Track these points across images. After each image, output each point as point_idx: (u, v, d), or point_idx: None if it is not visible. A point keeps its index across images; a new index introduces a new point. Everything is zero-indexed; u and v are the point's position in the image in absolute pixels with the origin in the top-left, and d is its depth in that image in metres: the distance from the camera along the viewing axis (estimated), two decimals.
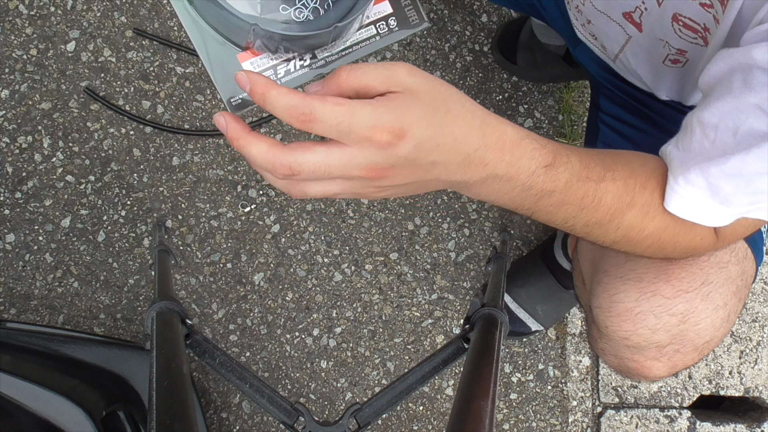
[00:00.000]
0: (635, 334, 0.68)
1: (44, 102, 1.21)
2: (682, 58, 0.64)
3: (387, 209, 1.23)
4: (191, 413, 0.50)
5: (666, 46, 0.63)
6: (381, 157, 0.42)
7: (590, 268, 0.78)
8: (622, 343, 0.70)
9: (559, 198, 0.50)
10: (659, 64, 0.68)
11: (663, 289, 0.66)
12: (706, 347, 0.69)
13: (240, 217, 1.22)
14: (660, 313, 0.67)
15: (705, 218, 0.54)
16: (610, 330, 0.70)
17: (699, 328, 0.67)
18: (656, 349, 0.69)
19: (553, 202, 0.50)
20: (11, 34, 1.21)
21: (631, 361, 0.72)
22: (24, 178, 1.20)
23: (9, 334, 0.93)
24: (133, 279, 1.21)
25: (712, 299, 0.66)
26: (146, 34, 1.21)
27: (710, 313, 0.66)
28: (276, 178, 0.45)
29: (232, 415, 1.20)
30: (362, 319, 1.22)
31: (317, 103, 0.42)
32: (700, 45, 0.60)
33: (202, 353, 0.67)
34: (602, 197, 0.51)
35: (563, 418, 1.22)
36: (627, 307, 0.68)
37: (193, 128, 1.22)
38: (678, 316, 0.66)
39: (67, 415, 0.83)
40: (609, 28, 0.69)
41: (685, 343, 0.68)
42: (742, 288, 0.69)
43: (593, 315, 0.73)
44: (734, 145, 0.49)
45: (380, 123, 0.41)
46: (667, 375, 0.72)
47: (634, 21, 0.65)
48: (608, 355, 0.75)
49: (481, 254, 1.24)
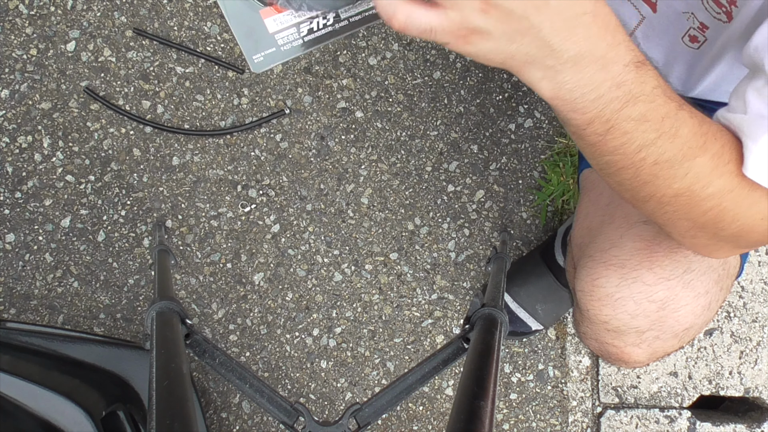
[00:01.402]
0: (615, 318, 0.69)
1: (44, 102, 1.21)
2: (701, 36, 0.63)
3: (387, 209, 1.23)
4: (191, 413, 0.50)
5: (690, 18, 0.62)
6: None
7: (577, 253, 0.79)
8: (603, 327, 0.71)
9: (642, 110, 0.46)
10: (677, 41, 0.66)
11: (645, 275, 0.67)
12: (686, 334, 0.69)
13: (240, 217, 1.22)
14: (640, 299, 0.67)
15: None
16: (591, 314, 0.71)
17: (679, 315, 0.67)
18: (636, 334, 0.69)
19: (634, 115, 0.46)
20: (11, 34, 1.21)
21: (611, 346, 0.72)
22: (24, 178, 1.20)
23: (9, 334, 0.93)
24: (133, 279, 1.20)
25: (693, 287, 0.66)
26: (146, 33, 1.21)
27: (691, 300, 0.67)
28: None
29: (232, 415, 1.20)
30: (362, 319, 1.22)
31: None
32: (723, 21, 0.59)
33: (202, 353, 0.67)
34: (680, 127, 0.47)
35: (563, 418, 1.22)
36: (608, 292, 0.69)
37: (193, 128, 1.22)
38: (658, 302, 0.66)
39: (67, 415, 0.83)
40: (622, 9, 0.69)
41: (664, 330, 0.68)
42: (724, 277, 0.69)
43: (576, 299, 0.74)
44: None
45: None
46: (648, 361, 0.72)
47: (649, 1, 0.64)
48: (590, 339, 0.75)
49: (481, 254, 1.24)
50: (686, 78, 0.73)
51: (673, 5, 0.62)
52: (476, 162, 1.23)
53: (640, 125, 0.46)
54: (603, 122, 0.46)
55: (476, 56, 0.44)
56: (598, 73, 0.44)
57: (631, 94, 0.45)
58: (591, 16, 0.43)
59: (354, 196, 1.23)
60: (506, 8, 0.41)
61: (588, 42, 0.43)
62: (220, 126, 1.22)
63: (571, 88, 0.45)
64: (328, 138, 1.23)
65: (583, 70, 0.44)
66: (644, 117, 0.46)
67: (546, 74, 0.44)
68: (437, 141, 1.23)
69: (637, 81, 0.45)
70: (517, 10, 0.41)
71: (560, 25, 0.42)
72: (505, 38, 0.43)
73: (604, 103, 0.45)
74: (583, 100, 0.45)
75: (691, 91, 0.74)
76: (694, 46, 0.66)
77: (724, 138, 0.50)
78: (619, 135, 0.47)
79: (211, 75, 1.22)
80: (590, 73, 0.44)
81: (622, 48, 0.44)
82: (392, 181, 1.23)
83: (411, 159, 1.23)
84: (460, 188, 1.23)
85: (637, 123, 0.46)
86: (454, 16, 0.42)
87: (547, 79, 0.45)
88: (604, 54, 0.43)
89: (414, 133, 1.24)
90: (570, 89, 0.45)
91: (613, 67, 0.44)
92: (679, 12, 0.62)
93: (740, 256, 0.73)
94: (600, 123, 0.46)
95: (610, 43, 0.44)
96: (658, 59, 0.72)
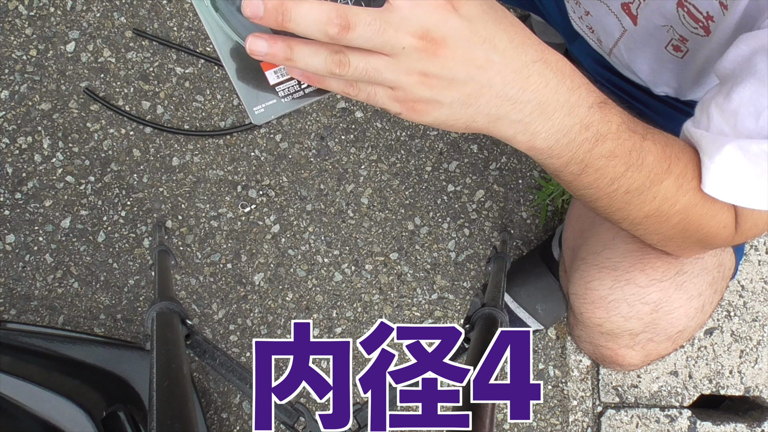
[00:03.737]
0: (608, 321, 0.69)
1: (44, 103, 1.21)
2: (683, 46, 0.64)
3: (387, 209, 1.23)
4: (191, 413, 0.50)
5: (670, 31, 0.63)
6: (433, 21, 0.39)
7: (570, 256, 0.79)
8: (596, 330, 0.71)
9: (610, 147, 0.47)
10: (661, 50, 0.67)
11: (637, 278, 0.67)
12: (679, 337, 0.69)
13: (240, 217, 1.22)
14: (633, 301, 0.67)
15: (741, 195, 0.51)
16: (585, 317, 0.71)
17: (672, 317, 0.67)
18: (629, 337, 0.69)
19: (604, 153, 0.47)
20: (11, 35, 1.21)
21: (605, 349, 0.72)
22: (24, 179, 1.20)
23: (9, 334, 0.93)
24: (134, 279, 1.21)
25: (687, 289, 0.67)
26: (146, 34, 1.21)
27: (684, 302, 0.67)
28: (317, 52, 0.41)
29: (232, 416, 1.20)
30: (362, 319, 1.22)
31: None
32: (701, 36, 0.60)
33: (202, 353, 0.67)
34: (645, 156, 0.49)
35: (564, 418, 1.22)
36: (601, 294, 0.69)
37: (193, 128, 1.22)
38: (651, 304, 0.67)
39: (67, 415, 0.83)
40: (606, 20, 0.69)
41: (658, 332, 0.68)
42: (718, 279, 0.69)
43: (570, 302, 0.74)
44: (757, 130, 0.48)
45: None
46: (642, 364, 0.72)
47: (631, 13, 0.65)
48: (584, 342, 0.75)
49: (481, 254, 1.24)
50: (677, 85, 0.73)
51: (652, 20, 0.63)
52: (476, 162, 1.23)
53: (610, 161, 0.48)
54: (578, 163, 0.47)
55: (435, 125, 0.44)
56: (566, 119, 0.45)
57: (599, 134, 0.46)
58: (542, 63, 0.43)
59: (354, 196, 1.23)
60: (447, 77, 0.41)
61: (547, 89, 0.43)
62: (220, 126, 1.22)
63: (545, 137, 0.45)
64: (328, 138, 1.23)
65: (552, 117, 0.44)
66: (613, 153, 0.48)
67: (517, 129, 0.45)
68: (437, 141, 1.23)
69: (603, 120, 0.46)
70: (459, 76, 0.41)
71: (512, 77, 0.42)
72: (459, 104, 0.43)
73: (576, 145, 0.46)
74: (558, 146, 0.46)
75: (685, 95, 0.75)
76: (678, 55, 0.66)
77: (687, 156, 0.52)
78: (592, 172, 0.48)
79: (211, 75, 1.22)
80: (559, 119, 0.45)
81: (583, 91, 0.45)
82: (392, 181, 1.23)
83: (411, 159, 1.23)
84: (460, 188, 1.23)
85: (608, 159, 0.48)
86: (398, 90, 0.42)
87: (520, 133, 0.45)
88: (567, 99, 0.44)
89: (414, 132, 1.24)
90: (544, 138, 0.45)
91: (579, 110, 0.45)
92: (658, 26, 0.63)
93: (735, 257, 0.73)
94: (575, 164, 0.48)
95: (570, 87, 0.44)
96: (645, 68, 0.72)
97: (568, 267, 0.80)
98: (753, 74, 0.48)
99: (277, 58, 0.42)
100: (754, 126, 0.48)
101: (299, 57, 0.41)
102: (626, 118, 0.48)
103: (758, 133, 0.48)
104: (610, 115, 0.47)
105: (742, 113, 0.49)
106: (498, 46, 0.41)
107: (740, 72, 0.50)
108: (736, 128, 0.50)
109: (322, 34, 0.39)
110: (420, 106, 0.43)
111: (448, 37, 0.40)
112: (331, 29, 0.39)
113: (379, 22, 0.39)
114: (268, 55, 0.42)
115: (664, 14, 0.61)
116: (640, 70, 0.73)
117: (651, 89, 0.76)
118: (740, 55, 0.50)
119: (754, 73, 0.48)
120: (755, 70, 0.48)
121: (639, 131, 0.49)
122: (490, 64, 0.41)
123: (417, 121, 0.44)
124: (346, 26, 0.39)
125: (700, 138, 0.52)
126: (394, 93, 0.42)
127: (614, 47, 0.72)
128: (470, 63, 0.41)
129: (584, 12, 0.73)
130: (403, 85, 0.42)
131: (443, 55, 0.40)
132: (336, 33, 0.39)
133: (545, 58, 0.43)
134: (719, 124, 0.51)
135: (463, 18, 0.40)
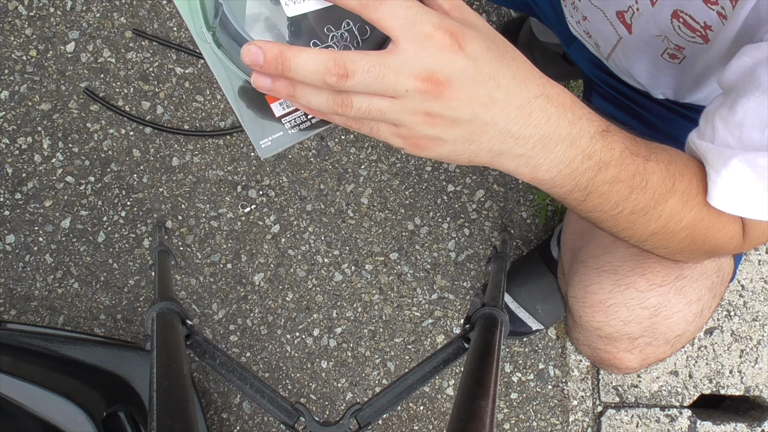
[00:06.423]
0: (607, 325, 0.69)
1: (44, 103, 1.21)
2: (680, 54, 0.64)
3: (387, 209, 1.23)
4: (192, 414, 0.50)
5: (665, 41, 0.63)
6: (439, 63, 0.40)
7: (570, 258, 0.79)
8: (595, 334, 0.71)
9: (614, 173, 0.48)
10: (657, 57, 0.67)
11: (637, 282, 0.67)
12: (678, 341, 0.70)
13: (240, 217, 1.22)
14: (632, 305, 0.67)
15: (748, 207, 0.51)
16: (584, 320, 0.71)
17: (671, 321, 0.67)
18: (628, 340, 0.70)
19: (608, 179, 0.48)
20: (11, 35, 1.21)
21: (603, 352, 0.73)
22: (24, 179, 1.20)
23: (9, 335, 0.93)
24: (134, 280, 1.21)
25: (686, 294, 0.67)
26: (146, 34, 1.21)
27: (683, 307, 0.67)
28: (319, 92, 0.41)
29: (232, 416, 1.20)
30: (362, 319, 1.22)
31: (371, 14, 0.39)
32: (699, 43, 0.60)
33: (202, 354, 0.67)
34: (649, 178, 0.49)
35: (564, 418, 1.22)
36: (600, 298, 0.69)
37: (193, 129, 1.22)
38: (650, 309, 0.67)
39: (67, 415, 0.83)
40: (603, 27, 0.69)
41: (657, 336, 0.68)
42: (717, 284, 0.69)
43: (569, 304, 0.74)
44: (763, 142, 0.48)
45: (444, 23, 0.40)
46: (640, 367, 0.73)
47: (625, 22, 0.65)
48: (582, 345, 0.76)
49: (481, 254, 1.24)
50: (675, 88, 0.73)
51: (646, 29, 0.63)
52: None
53: (614, 186, 0.48)
54: (581, 190, 0.48)
55: (438, 159, 0.45)
56: (568, 150, 0.45)
57: (602, 162, 0.47)
58: (544, 98, 0.43)
59: (354, 196, 1.23)
60: (451, 116, 0.42)
61: (549, 123, 0.44)
62: (220, 126, 1.22)
63: (548, 169, 0.46)
64: (327, 138, 1.23)
65: (554, 150, 0.45)
66: (616, 179, 0.48)
67: (519, 162, 0.45)
68: None
69: (606, 149, 0.47)
70: (463, 115, 0.42)
71: (515, 113, 0.42)
72: (462, 141, 0.43)
73: (579, 174, 0.47)
74: (561, 177, 0.46)
75: (684, 99, 0.75)
76: (675, 62, 0.66)
77: (691, 172, 0.52)
78: (596, 197, 0.49)
79: (211, 76, 1.22)
80: (561, 151, 0.45)
81: (585, 122, 0.46)
82: (392, 181, 1.23)
83: (411, 159, 1.23)
84: (460, 188, 1.23)
85: (611, 185, 0.48)
86: (402, 127, 0.42)
87: (522, 166, 0.46)
88: (569, 131, 0.45)
89: None
90: (546, 170, 0.46)
91: (581, 141, 0.45)
92: (653, 35, 0.63)
93: (734, 262, 0.73)
94: (579, 191, 0.48)
95: (571, 120, 0.45)
96: (642, 73, 0.73)
97: (567, 269, 0.80)
98: (757, 86, 0.48)
99: (280, 94, 0.42)
100: (760, 138, 0.48)
101: (302, 95, 0.42)
102: (629, 143, 0.49)
103: (764, 146, 0.48)
104: (613, 142, 0.47)
105: (747, 125, 0.49)
106: (501, 83, 0.42)
107: (743, 84, 0.50)
108: (742, 140, 0.50)
109: (321, 83, 0.40)
110: (423, 143, 0.43)
111: (453, 77, 0.40)
112: (329, 79, 0.39)
113: (378, 68, 0.39)
114: (272, 91, 0.42)
115: (659, 25, 0.61)
116: (638, 74, 0.73)
117: (650, 93, 0.76)
118: (743, 66, 0.50)
119: (758, 86, 0.48)
120: (759, 83, 0.48)
121: (642, 153, 0.49)
122: (494, 102, 0.42)
123: (420, 156, 0.44)
124: (344, 75, 0.39)
125: (705, 151, 0.52)
126: (398, 130, 0.43)
127: (612, 53, 0.72)
128: (474, 102, 0.41)
129: (581, 17, 0.73)
130: (406, 124, 0.42)
131: (447, 95, 0.41)
132: (335, 82, 0.39)
133: (547, 92, 0.44)
134: (724, 136, 0.51)
135: (469, 57, 0.40)
